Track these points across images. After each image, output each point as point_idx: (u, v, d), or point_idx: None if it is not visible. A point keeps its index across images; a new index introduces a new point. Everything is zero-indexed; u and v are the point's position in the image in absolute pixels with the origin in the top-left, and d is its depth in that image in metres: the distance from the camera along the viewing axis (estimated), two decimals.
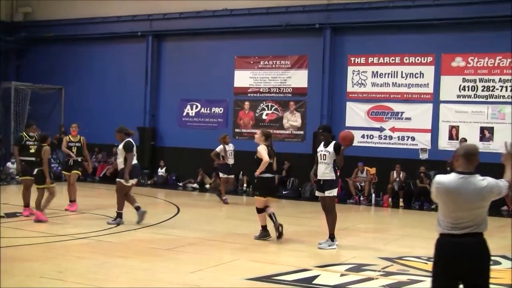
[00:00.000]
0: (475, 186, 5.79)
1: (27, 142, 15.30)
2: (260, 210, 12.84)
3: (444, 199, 5.76)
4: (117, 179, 14.46)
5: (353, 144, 22.02)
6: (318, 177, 12.32)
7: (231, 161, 19.96)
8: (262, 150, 12.65)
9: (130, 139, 14.64)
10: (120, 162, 14.45)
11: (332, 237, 12.24)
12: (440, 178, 5.84)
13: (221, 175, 20.16)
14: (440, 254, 5.76)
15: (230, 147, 20.04)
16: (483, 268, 5.72)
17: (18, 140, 15.67)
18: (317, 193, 12.60)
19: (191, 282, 9.11)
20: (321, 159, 12.24)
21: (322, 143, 12.44)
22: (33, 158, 14.62)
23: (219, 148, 19.79)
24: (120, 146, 14.53)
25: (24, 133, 15.79)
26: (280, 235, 12.66)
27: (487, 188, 5.85)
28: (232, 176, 20.58)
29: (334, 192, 12.29)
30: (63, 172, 17.62)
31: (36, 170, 14.29)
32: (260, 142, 12.88)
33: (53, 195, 14.34)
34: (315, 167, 12.54)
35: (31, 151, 15.02)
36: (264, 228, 12.93)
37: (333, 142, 12.28)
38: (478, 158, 5.94)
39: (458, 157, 5.87)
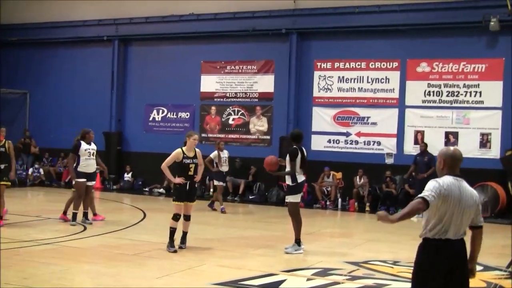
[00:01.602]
0: (471, 191, 5.77)
1: None
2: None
3: (446, 203, 5.53)
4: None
5: (320, 149, 22.43)
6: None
7: (225, 168, 19.57)
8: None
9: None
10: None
11: (298, 242, 12.27)
12: (443, 181, 5.63)
13: (216, 183, 19.70)
14: (433, 260, 5.57)
15: (224, 154, 19.65)
16: (467, 275, 5.76)
17: None
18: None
19: (158, 287, 9.08)
20: (300, 167, 12.42)
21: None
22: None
23: (213, 154, 19.30)
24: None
25: None
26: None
27: (478, 198, 5.82)
28: (224, 184, 20.18)
29: (293, 198, 12.33)
30: None
31: None
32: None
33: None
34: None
35: None
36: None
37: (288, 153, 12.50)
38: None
39: (447, 160, 5.79)
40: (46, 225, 15.09)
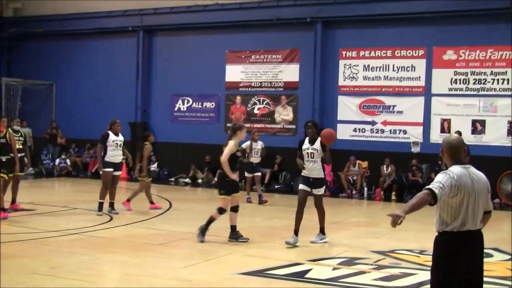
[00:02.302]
0: (481, 176, 5.60)
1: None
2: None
3: (460, 194, 5.37)
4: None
5: (345, 138, 22.32)
6: (307, 175, 12.04)
7: (255, 159, 18.88)
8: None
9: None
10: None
11: (323, 231, 12.24)
12: (452, 172, 5.43)
13: (245, 174, 19.11)
14: (454, 253, 5.42)
15: (257, 145, 19.03)
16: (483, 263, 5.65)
17: None
18: (302, 187, 12.06)
19: (183, 276, 9.12)
20: (308, 157, 12.04)
21: (307, 139, 12.28)
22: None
23: (246, 144, 18.50)
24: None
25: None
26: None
27: (488, 182, 5.67)
28: (258, 173, 19.14)
29: (322, 190, 12.16)
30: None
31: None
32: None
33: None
34: (300, 160, 12.22)
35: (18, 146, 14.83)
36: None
37: (319, 139, 12.12)
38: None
39: (445, 149, 5.63)
40: (73, 215, 15.21)
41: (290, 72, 23.97)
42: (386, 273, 9.72)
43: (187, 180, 24.63)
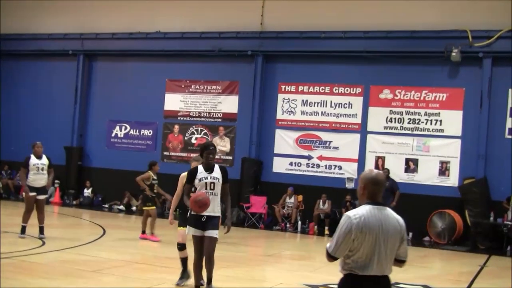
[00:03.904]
0: (395, 220, 5.12)
1: None
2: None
3: (363, 237, 4.92)
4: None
5: (281, 171, 22.58)
6: (197, 212, 9.04)
7: None
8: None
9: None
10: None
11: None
12: (356, 211, 5.05)
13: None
14: None
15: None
16: None
17: None
18: (193, 231, 9.28)
19: None
20: (206, 188, 9.30)
21: (201, 166, 9.49)
22: None
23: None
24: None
25: None
26: None
27: (404, 228, 5.18)
28: None
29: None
30: None
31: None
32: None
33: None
34: (184, 197, 9.39)
35: None
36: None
37: (217, 165, 9.69)
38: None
39: (367, 185, 5.14)
40: (4, 238, 14.88)
41: (229, 104, 24.12)
42: None
43: (121, 207, 24.43)
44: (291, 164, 22.94)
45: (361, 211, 5.03)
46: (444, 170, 21.13)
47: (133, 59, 25.91)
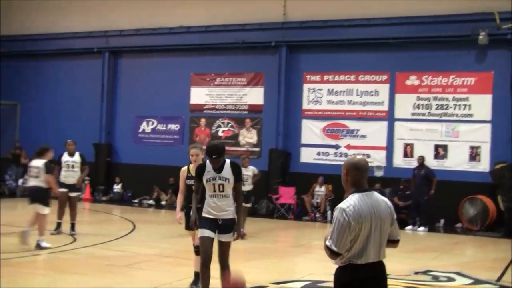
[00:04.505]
0: (384, 203, 5.11)
1: None
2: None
3: (358, 227, 4.88)
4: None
5: (309, 161, 22.48)
6: (210, 216, 8.37)
7: (246, 187, 15.68)
8: None
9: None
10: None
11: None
12: (347, 202, 5.01)
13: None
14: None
15: (247, 171, 16.47)
16: None
17: None
18: (206, 233, 8.35)
19: None
20: (214, 190, 8.33)
21: (209, 164, 8.37)
22: None
23: None
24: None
25: None
26: None
27: (392, 208, 5.19)
28: (248, 205, 16.90)
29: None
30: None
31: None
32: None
33: None
34: (194, 201, 8.65)
35: None
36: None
37: (228, 162, 8.42)
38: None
39: (350, 171, 5.17)
40: (36, 235, 14.98)
41: (255, 95, 24.07)
42: None
43: (151, 201, 24.51)
44: (318, 153, 22.84)
45: (352, 201, 5.02)
46: (474, 155, 20.88)
47: (157, 55, 25.94)
